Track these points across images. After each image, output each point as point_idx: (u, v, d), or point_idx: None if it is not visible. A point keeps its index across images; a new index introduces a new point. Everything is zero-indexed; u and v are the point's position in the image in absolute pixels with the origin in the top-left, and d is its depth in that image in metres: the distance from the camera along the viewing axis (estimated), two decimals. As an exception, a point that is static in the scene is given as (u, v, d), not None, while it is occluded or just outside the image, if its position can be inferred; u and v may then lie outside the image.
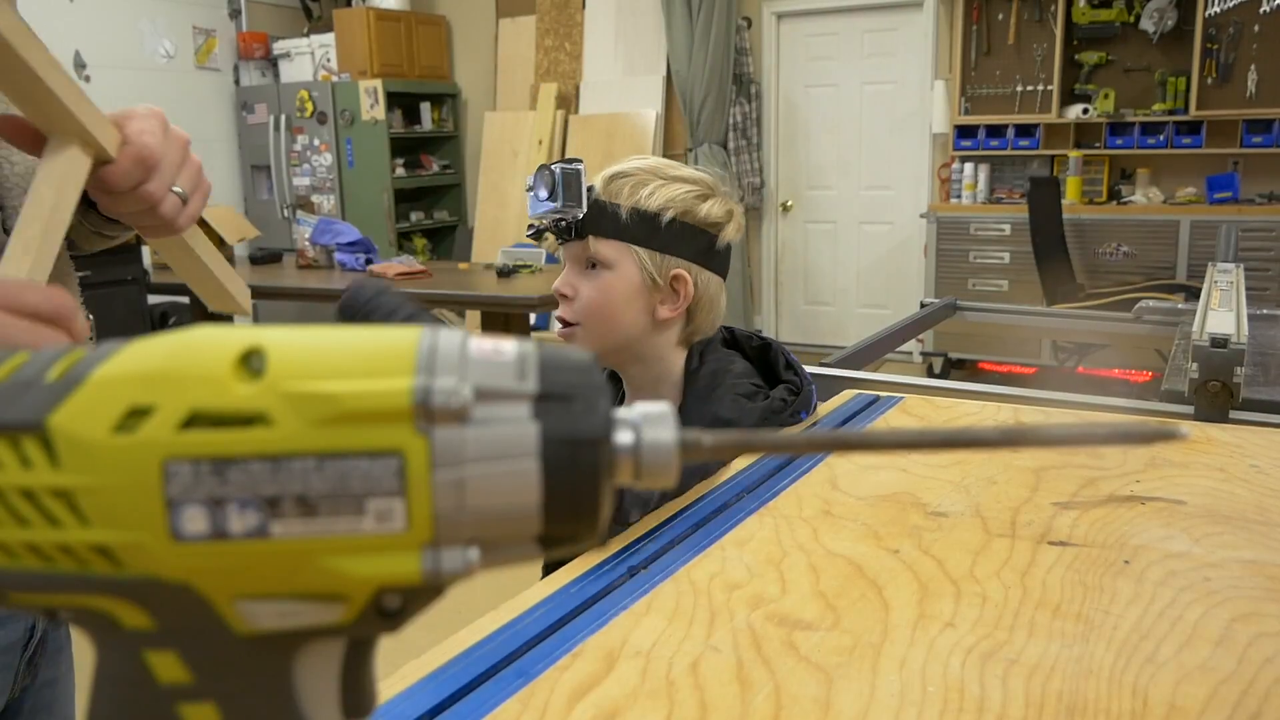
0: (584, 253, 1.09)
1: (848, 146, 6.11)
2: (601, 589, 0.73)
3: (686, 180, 1.10)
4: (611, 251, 1.08)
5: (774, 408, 1.07)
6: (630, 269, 1.08)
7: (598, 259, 1.09)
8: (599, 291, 1.09)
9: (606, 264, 1.08)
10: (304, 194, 6.83)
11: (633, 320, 1.10)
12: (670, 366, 1.13)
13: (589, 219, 1.07)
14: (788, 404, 1.08)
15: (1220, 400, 1.26)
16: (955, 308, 2.64)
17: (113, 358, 0.28)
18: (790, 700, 0.58)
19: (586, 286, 1.09)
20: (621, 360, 1.14)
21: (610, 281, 1.08)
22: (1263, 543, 0.80)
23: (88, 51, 5.94)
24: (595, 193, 1.08)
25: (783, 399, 1.08)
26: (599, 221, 1.07)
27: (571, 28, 6.58)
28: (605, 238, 1.08)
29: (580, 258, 1.10)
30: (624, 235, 1.08)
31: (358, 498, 0.27)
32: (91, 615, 0.28)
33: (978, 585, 0.73)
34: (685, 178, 1.10)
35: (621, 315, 1.09)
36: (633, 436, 0.28)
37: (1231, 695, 0.58)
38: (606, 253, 1.08)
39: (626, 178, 1.09)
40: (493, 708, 0.58)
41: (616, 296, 1.09)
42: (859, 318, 6.04)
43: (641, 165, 1.10)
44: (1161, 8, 5.11)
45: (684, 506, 0.90)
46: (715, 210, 1.11)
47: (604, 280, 1.09)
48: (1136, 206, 5.20)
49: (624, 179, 1.09)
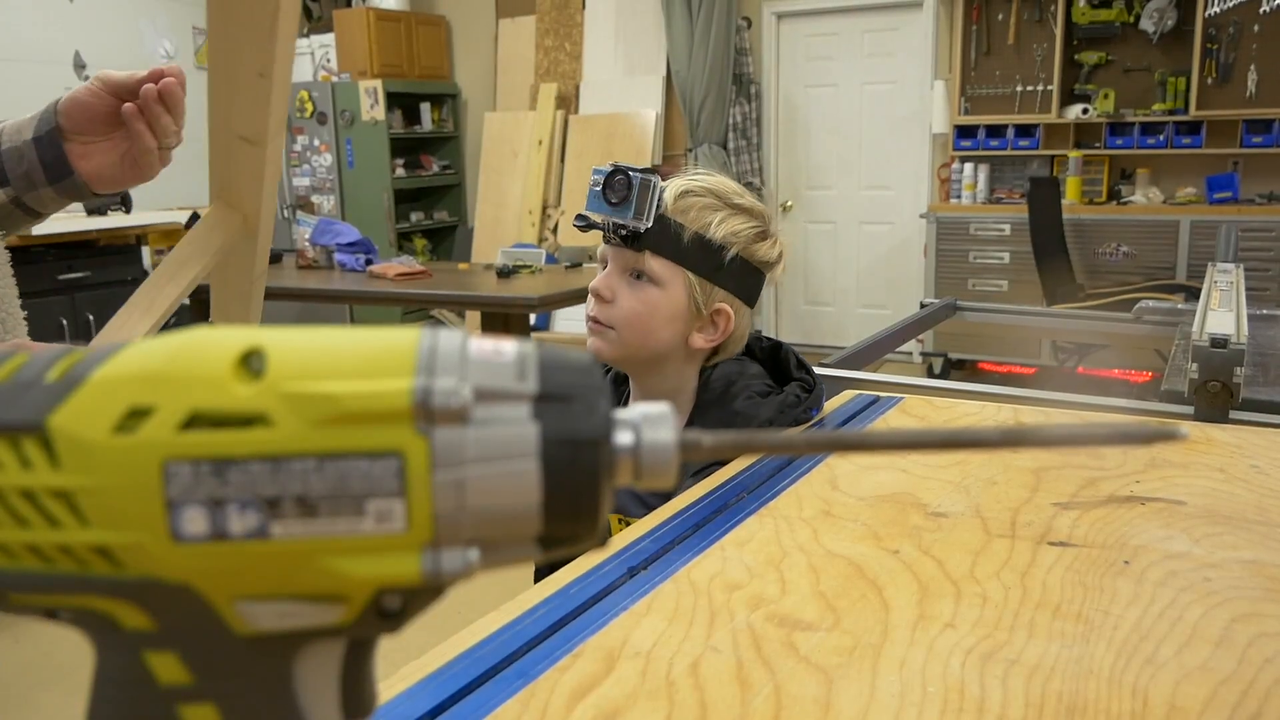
0: (633, 262, 1.07)
1: (848, 146, 6.11)
2: (601, 589, 0.73)
3: (749, 213, 1.09)
4: (665, 270, 1.07)
5: (789, 402, 1.08)
6: (678, 292, 1.07)
7: (649, 273, 1.07)
8: (643, 305, 1.07)
9: (656, 280, 1.07)
10: (304, 194, 6.83)
11: (667, 340, 1.09)
12: (687, 382, 1.13)
13: (651, 233, 1.05)
14: (801, 400, 1.09)
15: (1220, 400, 1.26)
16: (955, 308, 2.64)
17: (113, 358, 0.28)
18: (790, 700, 0.58)
19: (629, 296, 1.08)
20: (641, 370, 1.14)
21: (656, 298, 1.07)
22: (1263, 543, 0.80)
23: (88, 51, 5.94)
24: (663, 207, 1.06)
25: (797, 395, 1.09)
26: (661, 238, 1.05)
27: (571, 28, 6.58)
28: (662, 256, 1.07)
29: (628, 265, 1.08)
30: (682, 259, 1.07)
31: (358, 498, 0.27)
32: (91, 616, 0.28)
33: (978, 586, 0.73)
34: (749, 209, 1.09)
35: (658, 332, 1.08)
36: (632, 437, 0.28)
37: (1231, 695, 0.58)
38: (659, 270, 1.07)
39: (694, 197, 1.07)
40: (493, 708, 0.58)
41: (659, 314, 1.07)
42: (859, 318, 6.04)
43: (710, 186, 1.09)
44: (1161, 8, 5.11)
45: (684, 506, 0.90)
46: (770, 252, 1.11)
47: (650, 295, 1.07)
48: (1136, 206, 5.21)
49: (692, 198, 1.07)
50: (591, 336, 1.11)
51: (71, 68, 5.87)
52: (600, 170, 1.05)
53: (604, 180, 1.05)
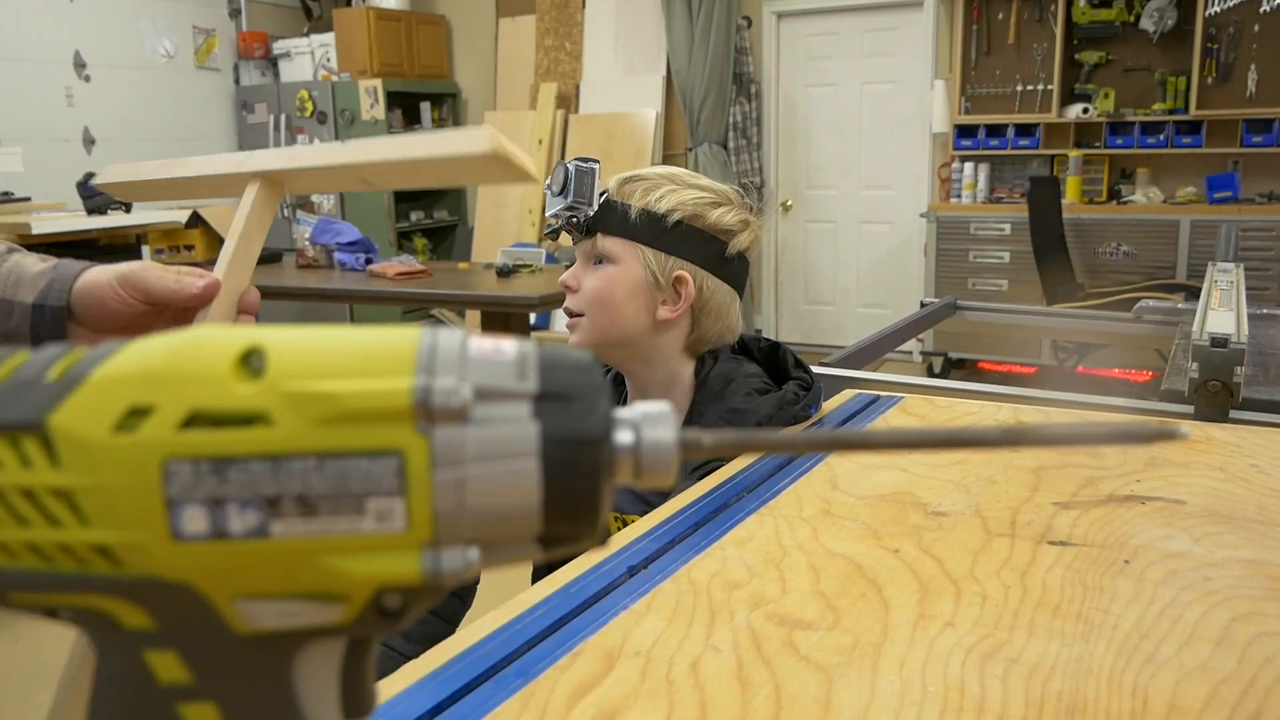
0: (593, 249, 1.13)
1: (848, 146, 6.11)
2: (601, 589, 0.73)
3: (701, 188, 1.13)
4: (617, 248, 1.12)
5: (787, 399, 1.10)
6: (634, 265, 1.11)
7: (604, 254, 1.12)
8: (601, 281, 1.12)
9: (611, 259, 1.12)
10: (303, 193, 6.83)
11: (634, 316, 1.12)
12: (677, 372, 1.15)
13: (599, 216, 1.11)
14: (800, 397, 1.10)
15: (1220, 400, 1.26)
16: (955, 307, 2.64)
17: (113, 357, 0.28)
18: (790, 700, 0.58)
19: (589, 278, 1.13)
20: (624, 359, 1.16)
21: (612, 274, 1.12)
22: (1263, 543, 0.80)
23: (88, 51, 5.94)
24: (609, 193, 1.11)
25: (795, 392, 1.11)
26: (608, 219, 1.11)
27: (571, 27, 6.58)
28: (612, 235, 1.12)
29: (589, 254, 1.14)
30: (631, 234, 1.11)
31: (358, 497, 0.27)
32: (92, 615, 0.28)
33: (978, 585, 0.73)
34: (701, 185, 1.13)
35: (623, 308, 1.12)
36: (633, 436, 0.28)
37: (1231, 695, 0.58)
38: (612, 249, 1.12)
39: (640, 181, 1.12)
40: (493, 708, 0.58)
41: (618, 289, 1.11)
42: (859, 317, 6.04)
43: (659, 172, 1.14)
44: (1161, 7, 5.11)
45: (684, 506, 0.90)
46: (727, 218, 1.13)
47: (607, 272, 1.12)
48: (1136, 206, 5.20)
49: (638, 182, 1.12)
50: (569, 330, 1.17)
51: (71, 68, 5.88)
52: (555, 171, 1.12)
53: (551, 179, 1.12)
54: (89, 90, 5.95)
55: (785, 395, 1.10)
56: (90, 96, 5.94)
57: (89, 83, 5.95)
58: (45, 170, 5.07)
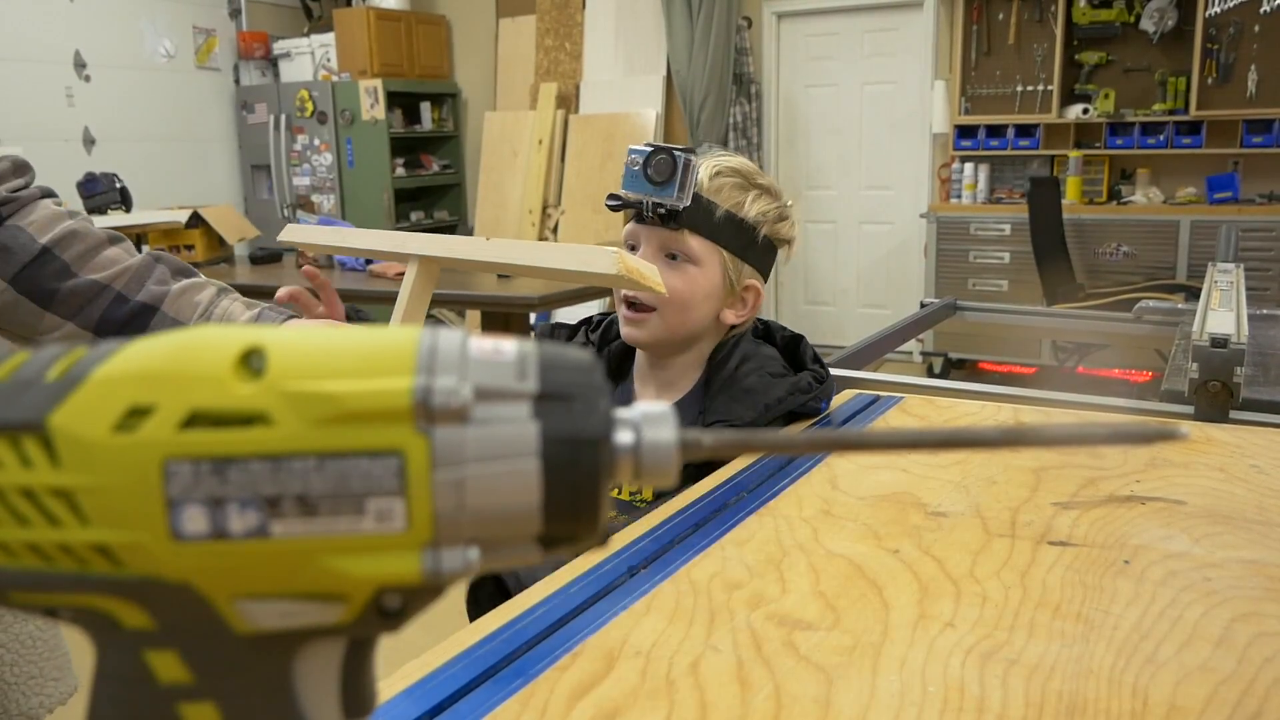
0: (670, 242, 1.09)
1: (848, 146, 6.11)
2: (601, 589, 0.73)
3: (771, 193, 1.13)
4: (701, 248, 1.09)
5: (801, 385, 1.10)
6: (715, 269, 1.10)
7: (685, 253, 1.09)
8: (685, 283, 1.09)
9: (693, 259, 1.09)
10: (304, 194, 6.83)
11: (702, 317, 1.12)
12: (703, 355, 1.16)
13: (689, 212, 1.07)
14: (813, 388, 1.11)
15: (1220, 400, 1.25)
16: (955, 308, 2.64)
17: (113, 357, 0.28)
18: (790, 700, 0.58)
19: (671, 276, 1.08)
20: (671, 350, 1.15)
21: (695, 275, 1.09)
22: (1263, 543, 0.80)
23: (88, 51, 5.94)
24: (699, 186, 1.08)
25: (809, 382, 1.11)
26: (697, 217, 1.08)
27: (571, 27, 6.58)
28: (698, 234, 1.09)
29: (664, 245, 1.10)
30: (716, 237, 1.09)
31: (358, 497, 0.27)
32: (91, 615, 0.28)
33: (978, 585, 0.73)
34: (770, 189, 1.13)
35: (697, 310, 1.11)
36: (633, 436, 0.28)
37: (1231, 695, 0.58)
38: (697, 249, 1.09)
39: (725, 177, 1.10)
40: (493, 708, 0.58)
41: (698, 291, 1.10)
42: (859, 318, 6.04)
43: (735, 166, 1.12)
44: (1162, 8, 5.11)
45: (684, 506, 0.90)
46: (789, 231, 1.15)
47: (690, 274, 1.09)
48: (1136, 206, 5.20)
49: (723, 178, 1.10)
50: (627, 326, 1.13)
51: (71, 68, 5.87)
52: (639, 150, 1.07)
53: (645, 159, 1.06)
54: (89, 90, 5.94)
55: (800, 381, 1.10)
56: (90, 96, 5.94)
57: (89, 83, 5.95)
58: (45, 170, 5.02)
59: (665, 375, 1.16)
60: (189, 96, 6.63)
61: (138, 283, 0.89)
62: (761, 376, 1.10)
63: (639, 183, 1.07)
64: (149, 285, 0.89)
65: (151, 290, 0.89)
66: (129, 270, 0.89)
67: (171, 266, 0.93)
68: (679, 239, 1.09)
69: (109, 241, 0.91)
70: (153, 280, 0.90)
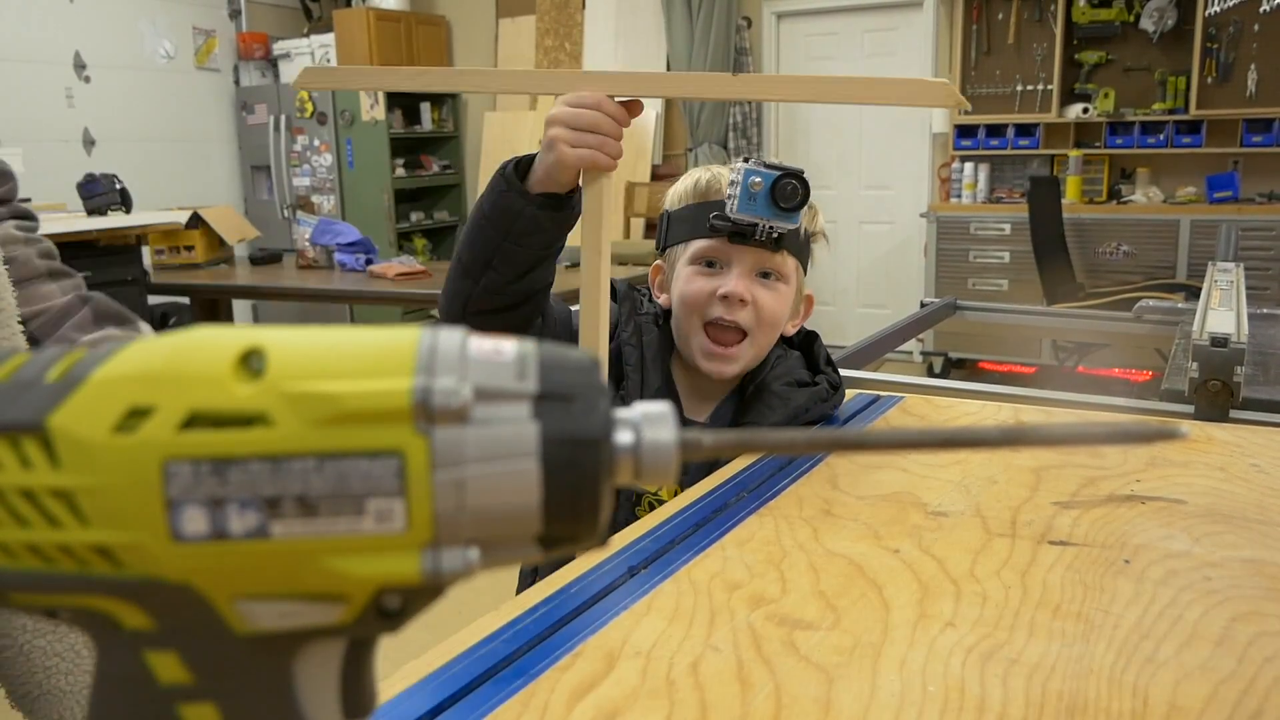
0: (764, 262, 1.05)
1: (848, 146, 6.10)
2: (601, 589, 0.73)
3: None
4: (788, 266, 1.07)
5: (820, 395, 1.12)
6: (794, 284, 1.10)
7: (778, 271, 1.06)
8: (779, 302, 1.07)
9: (784, 278, 1.07)
10: (304, 194, 6.83)
11: (778, 334, 1.11)
12: None
13: (791, 233, 1.04)
14: (830, 395, 1.13)
15: (1220, 400, 1.25)
16: (955, 307, 2.64)
17: (113, 358, 0.28)
18: (790, 700, 0.58)
19: (766, 295, 1.06)
20: None
21: (786, 293, 1.08)
22: (1263, 542, 0.80)
23: (88, 51, 5.94)
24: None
25: (826, 389, 1.13)
26: (791, 237, 1.05)
27: (571, 28, 6.58)
28: (792, 254, 1.07)
29: (757, 265, 1.05)
30: (799, 254, 1.09)
31: (358, 498, 0.27)
32: (92, 615, 0.28)
33: (978, 585, 0.73)
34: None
35: (780, 327, 1.10)
36: (633, 437, 0.28)
37: (1231, 695, 0.58)
38: (785, 267, 1.07)
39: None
40: (493, 708, 0.58)
41: (787, 309, 1.10)
42: (859, 318, 6.04)
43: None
44: (1161, 7, 5.11)
45: (684, 506, 0.90)
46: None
47: (782, 291, 1.07)
48: (1136, 206, 5.20)
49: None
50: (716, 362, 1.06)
51: (71, 68, 5.87)
52: (758, 173, 1.00)
53: (772, 184, 0.99)
54: (89, 91, 5.95)
55: (819, 391, 1.12)
56: (90, 97, 5.94)
57: (89, 83, 5.95)
58: (45, 171, 5.07)
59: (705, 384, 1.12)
60: (189, 97, 6.63)
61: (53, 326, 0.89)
62: (788, 385, 1.10)
63: (761, 206, 1.00)
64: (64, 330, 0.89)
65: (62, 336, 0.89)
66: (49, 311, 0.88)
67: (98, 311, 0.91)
68: (777, 259, 1.05)
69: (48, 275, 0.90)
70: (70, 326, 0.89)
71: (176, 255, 4.64)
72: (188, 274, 4.54)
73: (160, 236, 4.58)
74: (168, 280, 4.43)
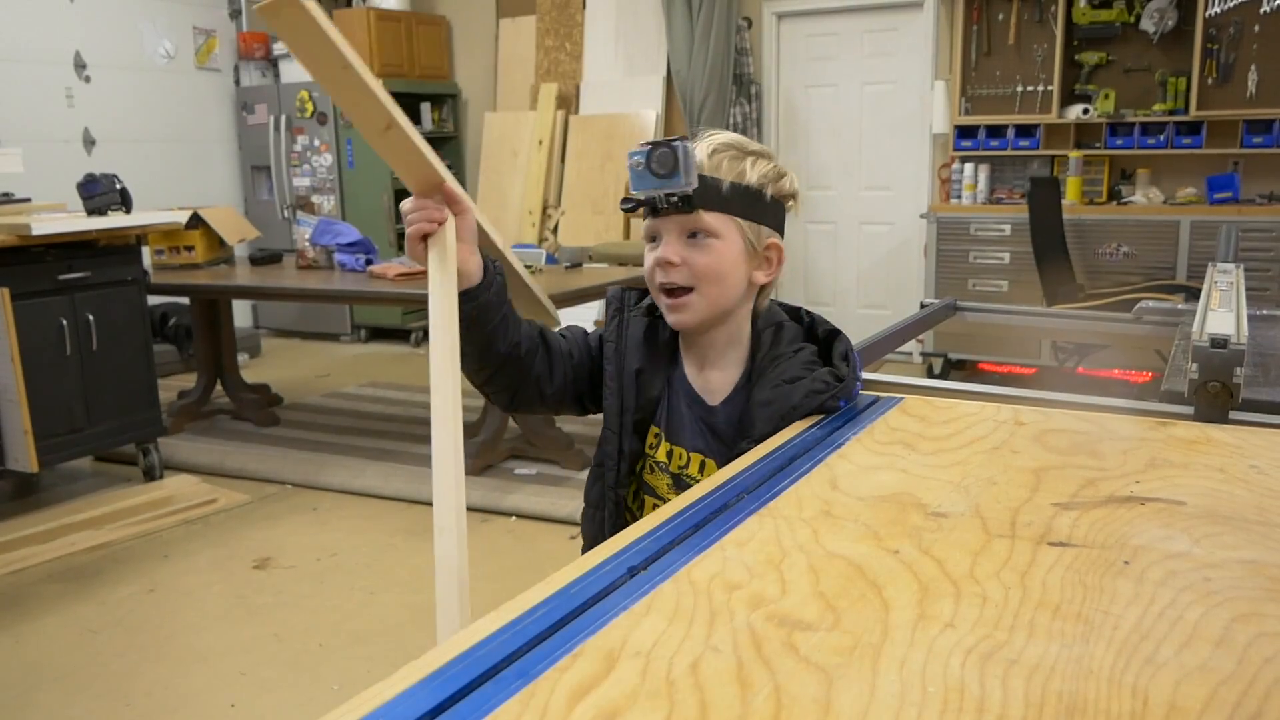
0: (689, 224, 1.16)
1: (848, 147, 6.11)
2: (601, 589, 0.73)
3: (764, 155, 1.20)
4: (718, 223, 1.16)
5: (815, 388, 1.17)
6: (735, 238, 1.17)
7: (705, 230, 1.16)
8: (714, 257, 1.17)
9: (714, 234, 1.16)
10: (304, 194, 6.83)
11: (736, 285, 1.19)
12: (744, 330, 1.24)
13: (699, 193, 1.13)
14: (830, 386, 1.18)
15: (1220, 401, 1.25)
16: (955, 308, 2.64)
17: None
18: (790, 700, 0.58)
19: (698, 254, 1.17)
20: (714, 323, 1.22)
21: (719, 248, 1.17)
22: (1263, 543, 0.80)
23: (88, 51, 5.94)
24: (701, 167, 1.14)
25: (825, 381, 1.18)
26: (707, 195, 1.14)
27: (571, 28, 6.58)
28: (714, 210, 1.16)
29: (684, 229, 1.17)
30: (729, 209, 1.16)
31: None
32: None
33: (978, 585, 0.73)
34: (762, 153, 1.20)
35: (730, 279, 1.18)
36: None
37: (1231, 695, 0.58)
38: (714, 224, 1.16)
39: (720, 153, 1.17)
40: (493, 708, 0.58)
41: (725, 261, 1.17)
42: (859, 318, 6.04)
43: (727, 141, 1.19)
44: (1162, 8, 5.11)
45: (684, 506, 0.90)
46: (790, 186, 1.22)
47: (716, 247, 1.17)
48: (1136, 207, 5.20)
49: (720, 154, 1.17)
50: (672, 314, 1.20)
51: (71, 68, 5.88)
52: (638, 152, 1.13)
53: (646, 157, 1.12)
54: (89, 91, 5.95)
55: (814, 384, 1.17)
56: (90, 97, 5.95)
57: (89, 83, 5.95)
58: (45, 171, 5.07)
59: (709, 353, 1.24)
60: (189, 97, 6.63)
61: None
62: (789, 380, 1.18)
63: (646, 180, 1.13)
64: None
65: None
66: None
67: None
68: (696, 219, 1.15)
69: None
70: None
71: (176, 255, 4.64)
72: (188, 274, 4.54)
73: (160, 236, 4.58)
74: (168, 280, 4.43)
